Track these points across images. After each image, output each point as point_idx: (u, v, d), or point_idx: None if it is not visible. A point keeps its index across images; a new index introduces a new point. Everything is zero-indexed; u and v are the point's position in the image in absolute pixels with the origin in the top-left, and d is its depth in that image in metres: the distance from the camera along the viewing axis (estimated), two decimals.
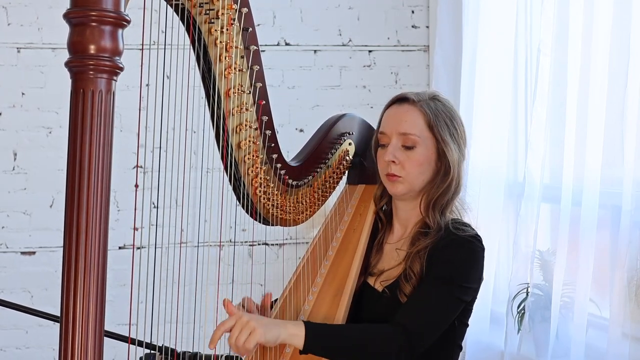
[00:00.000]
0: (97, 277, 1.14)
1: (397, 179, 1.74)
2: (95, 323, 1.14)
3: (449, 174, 1.73)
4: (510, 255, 2.65)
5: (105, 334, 1.19)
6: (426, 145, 1.73)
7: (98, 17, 1.12)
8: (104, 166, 1.15)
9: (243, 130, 1.63)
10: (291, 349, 1.67)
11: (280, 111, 3.22)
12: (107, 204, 1.16)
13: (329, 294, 1.75)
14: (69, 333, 1.13)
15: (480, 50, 2.81)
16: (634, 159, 2.08)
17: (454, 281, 1.65)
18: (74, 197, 1.14)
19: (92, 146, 1.14)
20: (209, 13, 1.50)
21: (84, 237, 1.14)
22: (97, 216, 1.14)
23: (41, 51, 3.16)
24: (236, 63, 1.57)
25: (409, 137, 1.73)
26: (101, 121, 1.14)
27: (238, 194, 1.70)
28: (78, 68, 1.13)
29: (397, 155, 1.73)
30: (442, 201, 1.74)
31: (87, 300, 1.13)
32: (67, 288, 1.14)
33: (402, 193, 1.77)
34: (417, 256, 1.70)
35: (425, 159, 1.73)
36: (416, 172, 1.73)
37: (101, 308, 1.15)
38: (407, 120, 1.74)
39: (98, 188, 1.15)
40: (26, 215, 3.18)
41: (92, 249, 1.14)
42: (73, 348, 1.13)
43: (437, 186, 1.74)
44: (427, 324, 1.63)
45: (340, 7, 3.42)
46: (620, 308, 2.07)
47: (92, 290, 1.14)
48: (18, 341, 3.17)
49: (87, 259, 1.14)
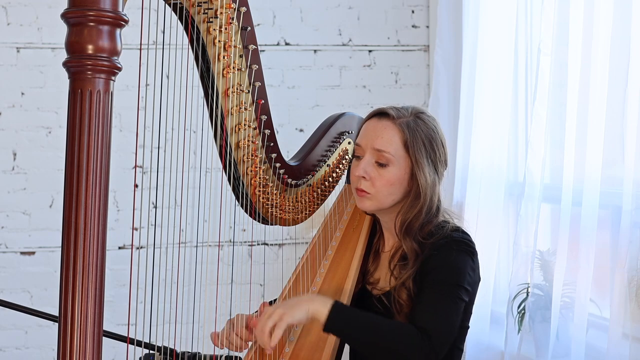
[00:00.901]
0: (96, 277, 1.14)
1: (365, 195, 1.72)
2: (94, 323, 1.14)
3: (419, 198, 1.70)
4: (510, 255, 2.64)
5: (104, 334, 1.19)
6: (399, 164, 1.70)
7: (96, 17, 1.12)
8: (102, 166, 1.15)
9: (242, 130, 1.63)
10: (290, 349, 1.67)
11: (280, 111, 3.23)
12: (105, 204, 1.16)
13: (329, 293, 1.75)
14: (67, 333, 1.13)
15: (480, 50, 2.81)
16: (634, 159, 2.07)
17: (453, 283, 1.64)
18: (72, 197, 1.14)
19: (90, 146, 1.14)
20: (208, 12, 1.50)
21: (82, 237, 1.13)
22: (96, 216, 1.14)
23: (41, 51, 3.16)
24: (235, 62, 1.57)
25: (382, 155, 1.70)
26: (99, 121, 1.14)
27: (237, 193, 1.69)
28: (76, 68, 1.13)
29: (368, 171, 1.71)
30: (414, 225, 1.70)
31: (85, 300, 1.13)
32: (65, 288, 1.13)
33: (369, 210, 1.76)
34: (402, 287, 1.69)
35: (397, 179, 1.70)
36: (386, 191, 1.71)
37: (100, 308, 1.15)
38: (384, 137, 1.70)
39: (96, 188, 1.14)
40: (26, 215, 3.18)
41: (91, 249, 1.14)
42: (72, 348, 1.13)
43: (408, 210, 1.71)
44: (446, 331, 1.62)
45: (340, 7, 3.42)
46: (620, 308, 2.07)
47: (91, 290, 1.14)
48: (18, 341, 3.17)
49: (85, 259, 1.13)
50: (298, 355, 1.67)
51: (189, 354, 1.70)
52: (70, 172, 1.14)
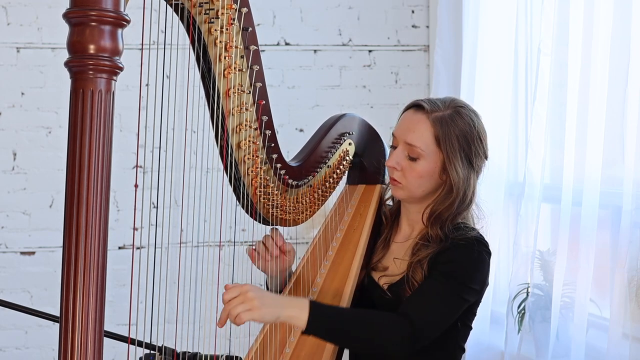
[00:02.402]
0: (97, 277, 1.14)
1: (397, 184, 1.75)
2: (94, 323, 1.14)
3: (452, 191, 1.71)
4: (510, 256, 2.65)
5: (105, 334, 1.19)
6: (431, 159, 1.71)
7: (98, 16, 1.12)
8: (103, 166, 1.15)
9: (243, 130, 1.63)
10: (291, 349, 1.67)
11: (280, 111, 3.23)
12: (106, 203, 1.16)
13: (329, 294, 1.75)
14: (68, 333, 1.13)
15: (480, 50, 2.81)
16: (634, 159, 2.07)
17: (458, 279, 1.64)
18: (73, 197, 1.14)
19: (91, 146, 1.14)
20: (209, 13, 1.50)
21: (83, 237, 1.13)
22: (97, 216, 1.14)
23: (41, 51, 3.16)
24: (236, 63, 1.56)
25: (413, 149, 1.71)
26: (101, 121, 1.14)
27: (238, 194, 1.69)
28: (77, 68, 1.13)
29: (400, 162, 1.73)
30: (445, 215, 1.71)
31: (86, 300, 1.13)
32: (66, 288, 1.13)
33: (402, 198, 1.78)
34: (418, 265, 1.69)
35: (427, 173, 1.71)
36: (416, 183, 1.72)
37: (101, 308, 1.15)
38: (415, 131, 1.71)
39: (98, 188, 1.14)
40: (26, 215, 3.18)
41: (92, 249, 1.14)
42: (73, 348, 1.13)
43: (440, 201, 1.72)
44: (432, 319, 1.62)
45: (340, 7, 3.42)
46: (620, 308, 2.07)
47: (92, 290, 1.13)
48: (18, 341, 3.17)
49: (86, 259, 1.13)
50: (298, 356, 1.67)
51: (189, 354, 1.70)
52: (71, 171, 1.14)
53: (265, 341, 1.70)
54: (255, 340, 1.71)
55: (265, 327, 1.71)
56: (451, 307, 1.65)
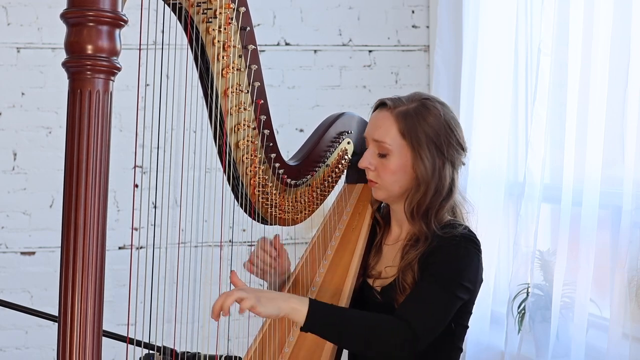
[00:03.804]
0: (96, 277, 1.14)
1: (374, 184, 1.76)
2: (93, 323, 1.14)
3: (421, 183, 1.71)
4: (510, 255, 2.64)
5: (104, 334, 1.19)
6: (400, 153, 1.71)
7: (95, 17, 1.12)
8: (101, 166, 1.15)
9: (241, 130, 1.63)
10: (290, 349, 1.67)
11: (280, 111, 3.23)
12: (105, 204, 1.16)
13: (328, 293, 1.75)
14: (67, 333, 1.13)
15: (480, 50, 2.81)
16: (634, 159, 2.07)
17: (451, 279, 1.64)
18: (71, 197, 1.14)
19: (89, 146, 1.14)
20: (207, 12, 1.50)
21: (82, 238, 1.13)
22: (95, 216, 1.14)
23: (41, 51, 3.16)
24: (234, 62, 1.56)
25: (381, 145, 1.72)
26: (99, 121, 1.14)
27: (236, 193, 1.69)
28: (75, 68, 1.13)
29: (372, 162, 1.74)
30: (423, 209, 1.71)
31: (85, 300, 1.13)
32: (65, 288, 1.13)
33: (382, 198, 1.79)
34: (408, 268, 1.69)
35: (399, 167, 1.72)
36: (390, 180, 1.73)
37: (99, 308, 1.15)
38: (381, 128, 1.73)
39: (96, 188, 1.14)
40: (26, 216, 3.18)
41: (90, 249, 1.14)
42: (72, 348, 1.13)
43: (413, 194, 1.72)
44: (429, 321, 1.62)
45: (340, 7, 3.42)
46: (620, 308, 2.07)
47: (91, 290, 1.13)
48: (18, 341, 3.17)
49: (85, 259, 1.13)
50: (297, 356, 1.67)
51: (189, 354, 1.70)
52: (69, 172, 1.14)
53: (264, 341, 1.70)
54: (254, 340, 1.71)
55: (264, 327, 1.71)
56: (446, 307, 1.65)
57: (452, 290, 1.64)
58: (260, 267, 1.82)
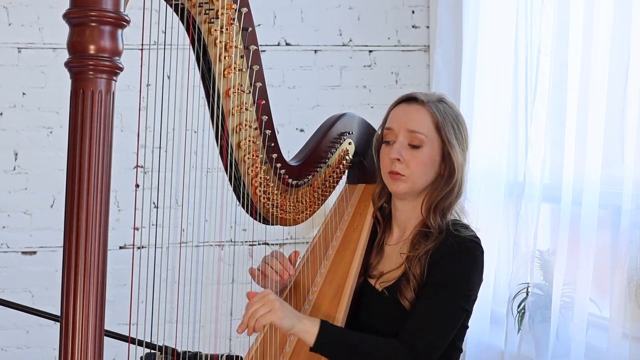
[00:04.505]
0: (97, 277, 1.14)
1: (399, 177, 1.74)
2: (95, 323, 1.14)
3: (453, 176, 1.73)
4: (510, 255, 2.65)
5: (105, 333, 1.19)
6: (432, 146, 1.73)
7: (98, 17, 1.12)
8: (103, 166, 1.15)
9: (243, 130, 1.63)
10: (291, 349, 1.68)
11: (281, 111, 3.23)
12: (107, 204, 1.16)
13: (329, 293, 1.75)
14: (69, 333, 1.13)
15: (480, 50, 2.81)
16: (634, 159, 2.08)
17: (458, 291, 1.65)
18: (73, 197, 1.14)
19: (91, 146, 1.14)
20: (209, 13, 1.50)
21: (83, 237, 1.14)
22: (97, 216, 1.14)
23: (42, 51, 3.17)
24: (236, 63, 1.57)
25: (416, 136, 1.72)
26: (101, 121, 1.14)
27: (238, 193, 1.70)
28: (78, 68, 1.13)
29: (403, 153, 1.73)
30: (443, 204, 1.74)
31: (87, 300, 1.13)
32: (67, 288, 1.13)
33: (403, 192, 1.76)
34: (418, 260, 1.69)
35: (430, 160, 1.73)
36: (420, 172, 1.73)
37: (101, 308, 1.15)
38: (416, 119, 1.73)
39: (98, 188, 1.15)
40: (27, 215, 3.19)
41: (92, 249, 1.14)
42: (73, 348, 1.13)
43: (440, 189, 1.74)
44: (435, 340, 1.63)
45: (340, 7, 3.42)
46: (620, 308, 2.07)
47: (92, 290, 1.14)
48: (19, 341, 3.18)
49: (87, 259, 1.13)
50: (299, 355, 1.67)
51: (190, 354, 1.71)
52: (71, 172, 1.14)
53: (265, 340, 1.70)
54: (255, 339, 1.72)
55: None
56: (453, 321, 1.66)
57: (459, 304, 1.66)
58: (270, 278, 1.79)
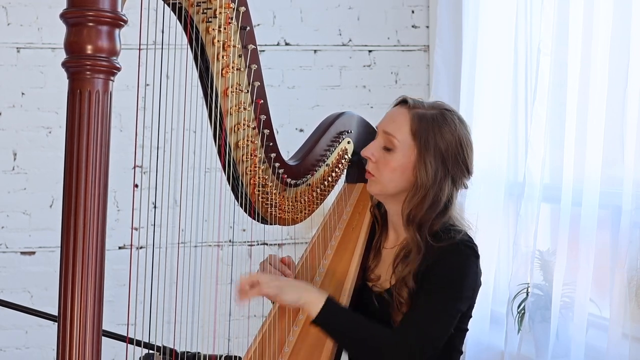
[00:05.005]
0: (95, 277, 1.14)
1: (371, 177, 1.74)
2: (93, 323, 1.14)
3: (419, 190, 1.68)
4: (510, 255, 2.65)
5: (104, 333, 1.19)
6: (405, 152, 1.69)
7: (95, 17, 1.12)
8: (101, 166, 1.15)
9: (241, 130, 1.63)
10: (290, 348, 1.67)
11: (281, 111, 3.23)
12: (104, 204, 1.16)
13: (328, 292, 1.75)
14: (66, 333, 1.13)
15: (480, 50, 2.81)
16: (634, 159, 2.07)
17: (450, 294, 1.65)
18: (71, 197, 1.14)
19: (89, 146, 1.14)
20: (207, 12, 1.50)
21: (81, 237, 1.13)
22: (95, 216, 1.14)
23: (41, 51, 3.16)
24: (234, 62, 1.57)
25: (390, 139, 1.71)
26: (98, 121, 1.14)
27: (236, 193, 1.70)
28: (75, 68, 1.13)
29: (375, 153, 1.73)
30: (418, 216, 1.68)
31: (85, 300, 1.13)
32: (64, 288, 1.13)
33: (375, 193, 1.77)
34: (402, 283, 1.68)
35: (400, 166, 1.70)
36: (387, 176, 1.71)
37: (99, 308, 1.15)
38: (395, 122, 1.72)
39: (95, 188, 1.14)
40: (26, 215, 3.18)
41: (90, 249, 1.14)
42: (71, 348, 1.13)
43: (409, 199, 1.70)
44: (430, 338, 1.63)
45: (340, 7, 3.42)
46: (620, 308, 2.07)
47: (90, 290, 1.14)
48: (18, 341, 3.17)
49: (84, 259, 1.13)
50: (297, 355, 1.67)
51: (189, 354, 1.70)
52: (69, 172, 1.14)
53: (264, 341, 1.70)
54: (254, 340, 1.72)
55: (264, 327, 1.71)
56: (447, 321, 1.65)
57: (452, 305, 1.65)
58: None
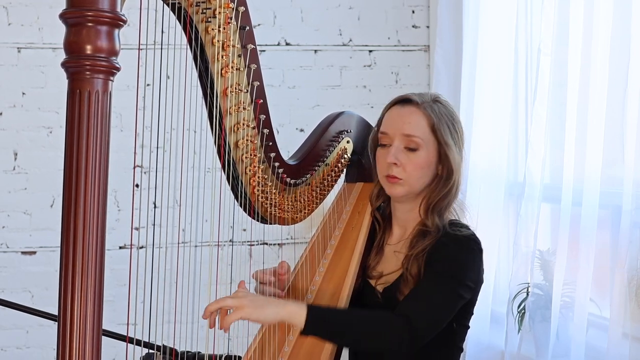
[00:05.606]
0: (95, 277, 1.14)
1: (397, 181, 1.73)
2: (93, 323, 1.14)
3: (451, 177, 1.73)
4: (510, 255, 2.65)
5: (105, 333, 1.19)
6: (428, 148, 1.73)
7: (94, 17, 1.12)
8: (101, 166, 1.15)
9: (241, 129, 1.63)
10: (290, 348, 1.68)
11: (281, 111, 3.23)
12: (104, 203, 1.16)
13: (328, 292, 1.75)
14: (67, 333, 1.13)
15: (480, 50, 2.81)
16: (634, 159, 2.07)
17: (454, 277, 1.65)
18: (71, 197, 1.14)
19: (89, 146, 1.14)
20: (206, 12, 1.50)
21: (81, 237, 1.14)
22: (95, 216, 1.14)
23: (41, 51, 3.17)
24: (233, 62, 1.57)
25: (412, 139, 1.72)
26: (98, 121, 1.14)
27: (236, 192, 1.70)
28: (74, 68, 1.13)
29: (399, 157, 1.73)
30: (441, 204, 1.74)
31: (85, 299, 1.13)
32: (64, 288, 1.14)
33: (400, 195, 1.76)
34: (415, 259, 1.70)
35: (427, 163, 1.73)
36: (417, 175, 1.73)
37: (99, 308, 1.15)
38: (411, 122, 1.73)
39: (95, 188, 1.15)
40: (26, 215, 3.19)
41: (90, 249, 1.14)
42: (71, 348, 1.13)
43: (439, 190, 1.74)
44: (430, 318, 1.63)
45: (340, 7, 3.42)
46: (620, 308, 2.07)
47: (90, 289, 1.14)
48: (18, 341, 3.18)
49: (84, 258, 1.14)
50: (297, 354, 1.67)
51: (189, 354, 1.71)
52: (69, 172, 1.14)
53: (264, 340, 1.70)
54: (254, 339, 1.72)
55: (264, 326, 1.71)
56: (448, 304, 1.65)
57: (454, 288, 1.65)
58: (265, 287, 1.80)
